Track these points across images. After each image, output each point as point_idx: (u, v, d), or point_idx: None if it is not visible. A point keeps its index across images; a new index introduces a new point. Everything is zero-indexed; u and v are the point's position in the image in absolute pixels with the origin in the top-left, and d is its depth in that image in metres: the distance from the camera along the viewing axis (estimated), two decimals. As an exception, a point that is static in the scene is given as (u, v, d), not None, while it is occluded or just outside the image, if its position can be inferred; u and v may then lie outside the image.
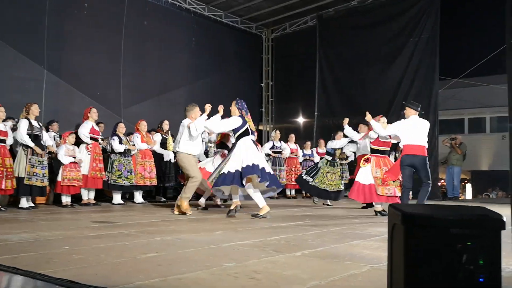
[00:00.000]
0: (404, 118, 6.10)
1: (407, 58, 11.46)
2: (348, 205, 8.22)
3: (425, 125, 5.94)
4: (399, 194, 6.14)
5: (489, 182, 18.27)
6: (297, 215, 6.30)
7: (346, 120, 7.15)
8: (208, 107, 6.01)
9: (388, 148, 6.72)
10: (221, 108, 5.96)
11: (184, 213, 5.95)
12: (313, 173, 8.07)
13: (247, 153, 5.68)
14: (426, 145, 5.93)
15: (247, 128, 5.85)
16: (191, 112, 6.23)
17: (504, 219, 1.41)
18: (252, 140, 5.90)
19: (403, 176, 5.93)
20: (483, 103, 17.51)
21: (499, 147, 17.52)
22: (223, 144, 7.09)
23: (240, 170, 5.59)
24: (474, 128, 18.75)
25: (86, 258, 2.95)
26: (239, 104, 5.96)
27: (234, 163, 5.67)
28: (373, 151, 6.55)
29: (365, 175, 6.38)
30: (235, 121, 5.82)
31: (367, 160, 6.46)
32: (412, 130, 5.86)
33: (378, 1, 12.08)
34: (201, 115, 6.08)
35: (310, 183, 7.99)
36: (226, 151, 6.78)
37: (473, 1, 14.14)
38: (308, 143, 11.16)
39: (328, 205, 8.13)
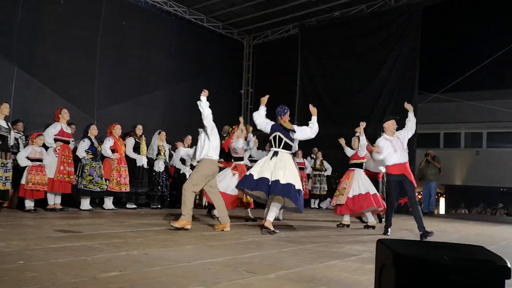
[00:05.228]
0: (383, 133, 6.03)
1: (387, 71, 11.46)
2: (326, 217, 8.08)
3: None
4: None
5: (462, 197, 18.49)
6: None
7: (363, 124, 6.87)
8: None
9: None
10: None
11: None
12: None
13: None
14: None
15: None
16: None
17: (509, 265, 1.25)
18: None
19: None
20: (459, 119, 17.75)
21: (472, 162, 17.76)
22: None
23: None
24: (449, 143, 18.95)
25: (40, 276, 2.68)
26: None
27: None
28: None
29: None
30: None
31: None
32: None
33: (360, 14, 12.08)
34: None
35: None
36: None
37: (454, 20, 14.37)
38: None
39: None
